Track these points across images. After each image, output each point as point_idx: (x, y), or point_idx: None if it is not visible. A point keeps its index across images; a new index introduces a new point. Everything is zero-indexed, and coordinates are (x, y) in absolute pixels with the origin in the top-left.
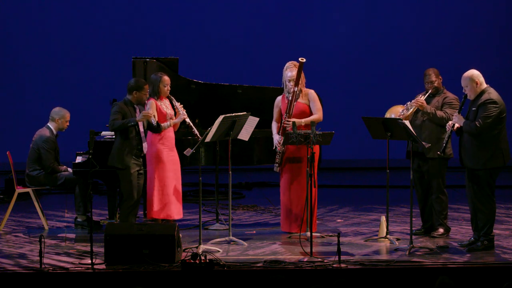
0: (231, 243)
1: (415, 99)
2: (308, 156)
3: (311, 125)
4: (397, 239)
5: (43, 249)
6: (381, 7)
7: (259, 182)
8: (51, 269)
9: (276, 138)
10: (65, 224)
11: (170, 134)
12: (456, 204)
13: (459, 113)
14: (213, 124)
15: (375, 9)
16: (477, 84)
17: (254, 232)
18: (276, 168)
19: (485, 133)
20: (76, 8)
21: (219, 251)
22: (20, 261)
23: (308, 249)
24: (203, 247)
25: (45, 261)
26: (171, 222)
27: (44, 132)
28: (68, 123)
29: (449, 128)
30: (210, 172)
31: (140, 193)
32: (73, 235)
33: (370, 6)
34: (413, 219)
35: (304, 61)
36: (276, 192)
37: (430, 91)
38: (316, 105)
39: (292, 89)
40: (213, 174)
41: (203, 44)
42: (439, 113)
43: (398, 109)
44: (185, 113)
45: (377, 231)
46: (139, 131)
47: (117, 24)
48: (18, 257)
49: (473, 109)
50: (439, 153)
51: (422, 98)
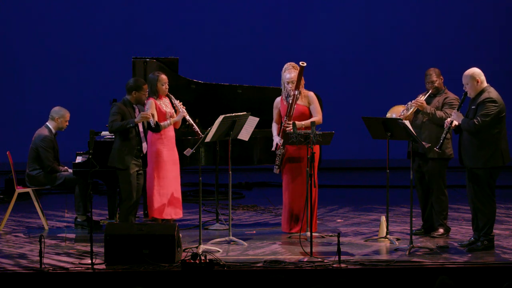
0: (231, 243)
1: (415, 100)
2: (308, 156)
3: (311, 125)
4: (397, 239)
5: (43, 249)
6: (381, 7)
7: (259, 182)
8: (51, 269)
9: (276, 140)
10: (65, 224)
11: (170, 133)
12: (456, 204)
13: (458, 110)
14: (213, 124)
15: (375, 9)
16: (477, 82)
17: (254, 232)
18: (276, 170)
19: (483, 132)
20: (76, 8)
21: (219, 251)
22: (20, 261)
23: (308, 249)
24: (203, 247)
25: (45, 261)
26: (171, 222)
27: (43, 131)
28: (67, 123)
29: (447, 125)
30: (210, 172)
31: (139, 193)
32: (73, 235)
33: (370, 6)
34: (413, 219)
35: (304, 65)
36: (276, 192)
37: (431, 91)
38: (316, 107)
39: (291, 91)
40: (213, 174)
41: (203, 44)
42: (439, 113)
43: (400, 109)
44: (184, 111)
45: (377, 231)
46: (138, 131)
47: (117, 24)
48: (18, 257)
49: (472, 107)
50: (436, 149)
51: (422, 98)
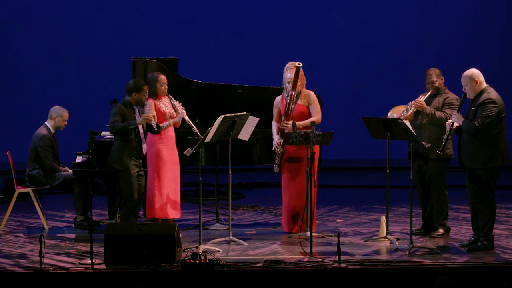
0: (231, 243)
1: (414, 100)
2: (308, 156)
3: (311, 125)
4: (397, 239)
5: (43, 249)
6: (381, 7)
7: (259, 182)
8: (51, 269)
9: (276, 138)
10: (65, 224)
11: (170, 133)
12: (456, 204)
13: (458, 111)
14: (213, 124)
15: (375, 9)
16: (476, 83)
17: (254, 232)
18: (276, 169)
19: (484, 133)
20: (76, 8)
21: (219, 251)
22: (20, 261)
23: (308, 249)
24: (203, 247)
25: (45, 261)
26: (171, 222)
27: (41, 130)
28: (66, 122)
29: (448, 127)
30: (210, 172)
31: (141, 193)
32: (73, 235)
33: (370, 6)
34: (413, 219)
35: (301, 65)
36: (276, 192)
37: (431, 91)
38: (316, 107)
39: (290, 91)
40: (213, 174)
41: (203, 44)
42: (438, 114)
43: (400, 109)
44: (184, 112)
45: (377, 231)
46: (138, 133)
47: (117, 24)
48: (18, 257)
49: (472, 108)
50: (438, 152)
51: (422, 99)
